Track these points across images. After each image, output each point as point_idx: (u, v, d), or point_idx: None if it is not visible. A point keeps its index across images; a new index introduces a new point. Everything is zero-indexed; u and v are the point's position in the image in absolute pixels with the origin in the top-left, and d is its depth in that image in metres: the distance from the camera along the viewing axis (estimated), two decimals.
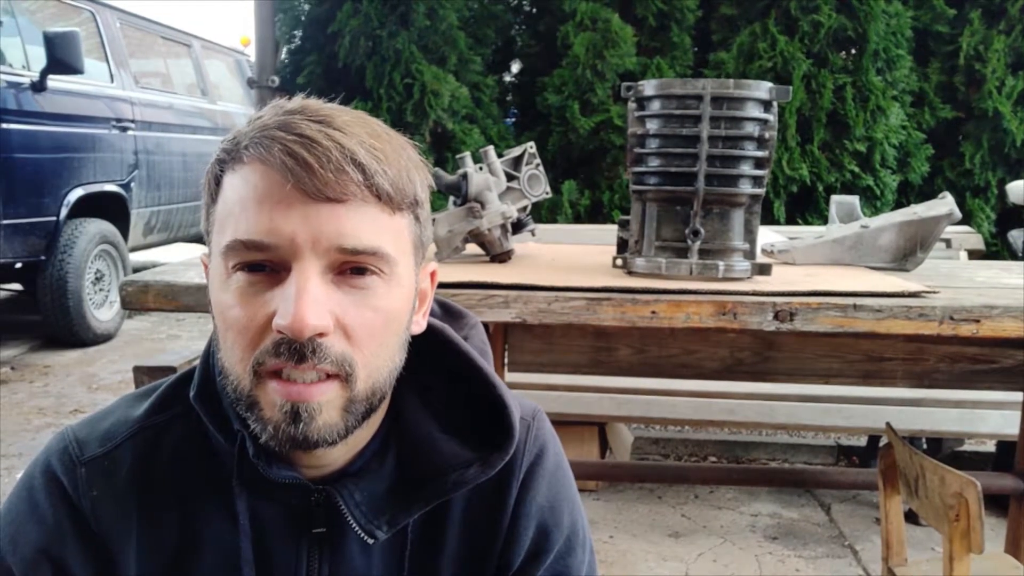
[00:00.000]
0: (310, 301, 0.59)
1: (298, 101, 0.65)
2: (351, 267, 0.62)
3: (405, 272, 0.66)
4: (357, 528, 0.68)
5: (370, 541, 0.69)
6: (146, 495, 0.69)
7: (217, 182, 0.65)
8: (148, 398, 0.73)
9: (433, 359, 0.74)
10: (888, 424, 1.78)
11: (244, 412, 0.64)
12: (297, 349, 0.60)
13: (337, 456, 0.69)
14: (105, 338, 4.84)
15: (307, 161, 0.59)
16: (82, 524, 0.68)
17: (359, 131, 0.63)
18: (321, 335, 0.60)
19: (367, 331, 0.63)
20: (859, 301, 1.31)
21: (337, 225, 0.60)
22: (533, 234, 1.78)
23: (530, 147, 1.75)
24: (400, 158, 0.65)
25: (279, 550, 0.70)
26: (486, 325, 1.86)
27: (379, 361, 0.65)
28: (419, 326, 0.72)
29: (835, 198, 1.82)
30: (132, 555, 0.68)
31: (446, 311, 0.82)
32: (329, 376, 0.62)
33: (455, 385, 0.74)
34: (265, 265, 0.61)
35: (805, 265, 1.67)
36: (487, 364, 0.75)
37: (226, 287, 0.63)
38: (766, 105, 1.42)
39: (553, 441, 0.79)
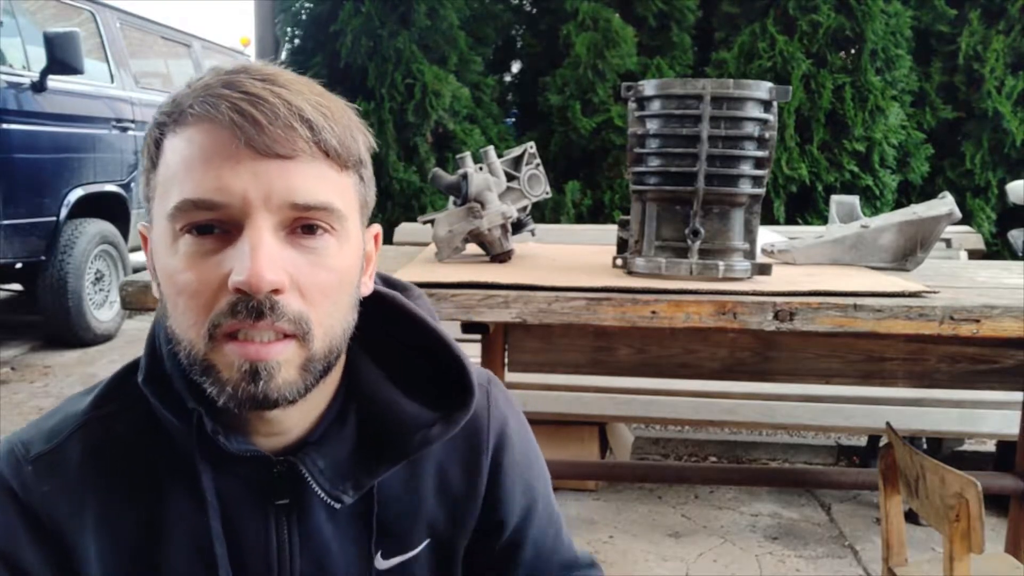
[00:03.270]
0: (266, 256, 0.59)
1: (240, 63, 0.65)
2: (302, 224, 0.62)
3: (354, 230, 0.67)
4: (323, 494, 0.69)
5: (336, 506, 0.69)
6: (100, 486, 0.68)
7: (157, 146, 0.64)
8: (92, 393, 0.73)
9: (383, 323, 0.74)
10: (888, 424, 1.78)
11: (199, 377, 0.63)
12: (255, 307, 0.59)
13: (295, 424, 0.69)
14: (105, 338, 4.84)
15: (255, 117, 0.59)
16: (34, 523, 0.67)
17: (304, 89, 0.63)
18: (277, 292, 0.60)
19: (321, 290, 0.63)
20: (859, 301, 1.31)
21: (288, 181, 0.61)
22: (533, 234, 1.78)
23: (530, 147, 1.75)
24: (344, 116, 0.66)
25: (246, 525, 0.69)
26: (487, 326, 1.86)
27: (333, 320, 0.65)
28: (367, 288, 0.73)
29: (835, 198, 1.82)
30: (92, 548, 0.68)
31: (388, 283, 0.82)
32: (286, 336, 0.62)
33: (407, 348, 0.75)
34: (214, 226, 0.61)
35: (805, 265, 1.67)
36: (440, 325, 0.76)
37: (174, 251, 0.62)
38: (766, 105, 1.42)
39: (512, 403, 0.83)
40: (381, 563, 0.74)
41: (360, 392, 0.73)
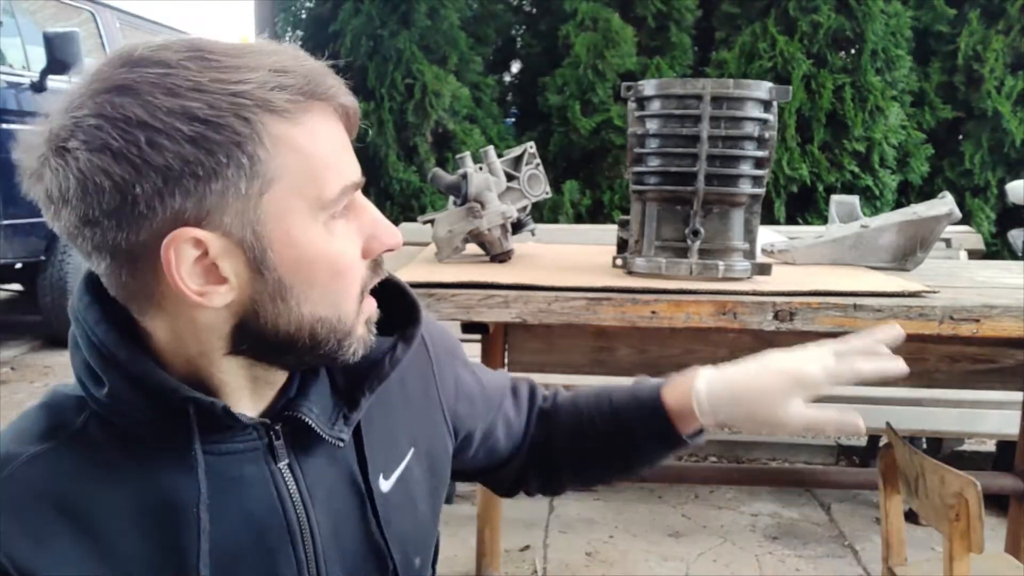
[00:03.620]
0: None
1: (278, 44, 0.64)
2: None
3: None
4: (328, 438, 0.70)
5: (340, 445, 0.71)
6: (75, 515, 0.62)
7: (259, 133, 0.59)
8: (23, 432, 0.65)
9: None
10: (888, 424, 1.78)
11: (336, 346, 0.66)
12: (382, 263, 0.70)
13: (270, 391, 0.70)
14: None
15: (353, 105, 0.66)
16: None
17: None
18: None
19: None
20: (859, 301, 1.31)
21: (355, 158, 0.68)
22: (533, 234, 1.78)
23: (530, 147, 1.75)
24: None
25: (255, 497, 0.68)
26: (487, 326, 1.86)
27: None
28: None
29: (835, 198, 1.82)
30: (74, 565, 0.62)
31: None
32: None
33: None
34: None
35: (805, 265, 1.67)
36: None
37: (330, 235, 0.64)
38: (766, 105, 1.42)
39: None
40: (384, 485, 0.76)
41: None
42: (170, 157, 0.57)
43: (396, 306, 0.77)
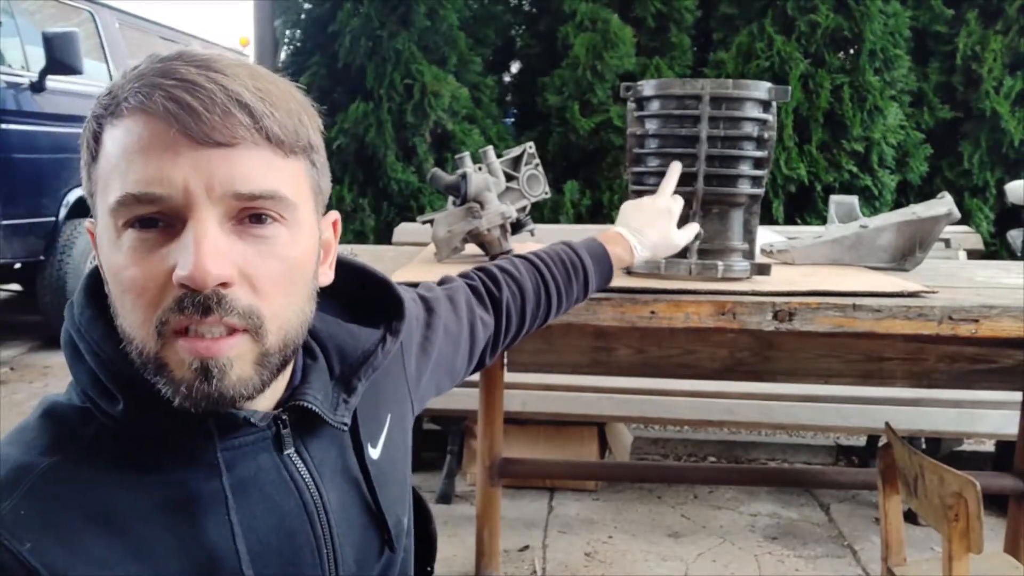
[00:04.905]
0: (210, 250, 0.58)
1: (175, 49, 0.63)
2: (249, 214, 0.61)
3: (306, 219, 0.65)
4: (334, 423, 0.71)
5: (344, 430, 0.73)
6: (100, 517, 0.61)
7: (96, 139, 0.62)
8: (29, 444, 0.63)
9: None
10: (887, 424, 1.78)
11: (153, 376, 0.61)
12: (201, 302, 0.58)
13: (280, 384, 0.70)
14: None
15: (191, 105, 0.58)
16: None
17: (241, 72, 0.61)
18: (225, 285, 0.59)
19: (273, 282, 0.62)
20: (858, 301, 1.31)
21: (229, 169, 0.59)
22: (532, 234, 1.78)
23: (529, 147, 1.75)
24: (287, 100, 0.64)
25: (271, 482, 0.68)
26: None
27: (288, 313, 0.64)
28: (326, 277, 0.73)
29: (834, 198, 1.82)
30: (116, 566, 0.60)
31: None
32: (237, 330, 0.60)
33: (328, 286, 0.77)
34: (157, 219, 0.59)
35: (804, 265, 1.68)
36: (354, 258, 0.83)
37: (117, 247, 0.60)
38: (765, 105, 1.42)
39: None
40: (374, 453, 0.79)
41: (315, 334, 0.75)
42: None
43: (377, 299, 0.80)
